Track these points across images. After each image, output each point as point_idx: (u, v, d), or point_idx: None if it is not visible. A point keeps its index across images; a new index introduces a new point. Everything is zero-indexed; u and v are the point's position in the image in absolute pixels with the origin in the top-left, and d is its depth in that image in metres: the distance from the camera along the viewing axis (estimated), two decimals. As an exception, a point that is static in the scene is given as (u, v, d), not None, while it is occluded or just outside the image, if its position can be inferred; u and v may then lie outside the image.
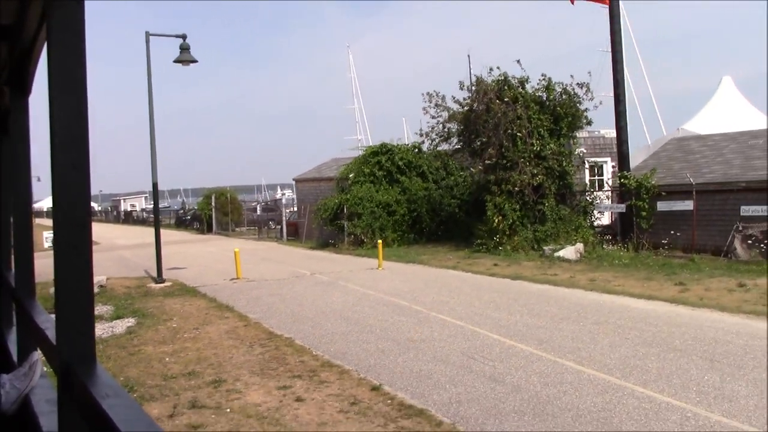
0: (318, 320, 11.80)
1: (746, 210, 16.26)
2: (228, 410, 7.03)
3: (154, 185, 17.32)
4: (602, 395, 7.11)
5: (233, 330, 11.17)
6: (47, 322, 2.09)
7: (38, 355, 2.50)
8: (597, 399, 6.99)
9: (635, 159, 21.98)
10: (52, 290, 10.30)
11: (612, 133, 22.51)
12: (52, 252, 1.51)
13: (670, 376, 7.68)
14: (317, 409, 6.97)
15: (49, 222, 35.77)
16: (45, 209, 75.04)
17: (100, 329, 11.19)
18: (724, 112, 28.16)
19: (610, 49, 21.01)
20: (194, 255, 25.39)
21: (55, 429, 1.76)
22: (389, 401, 7.14)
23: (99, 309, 13.26)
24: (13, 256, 3.22)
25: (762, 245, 15.95)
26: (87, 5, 1.41)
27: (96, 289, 15.87)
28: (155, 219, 18.41)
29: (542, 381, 7.69)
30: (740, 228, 16.59)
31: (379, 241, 20.63)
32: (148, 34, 16.43)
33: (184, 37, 16.71)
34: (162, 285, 16.52)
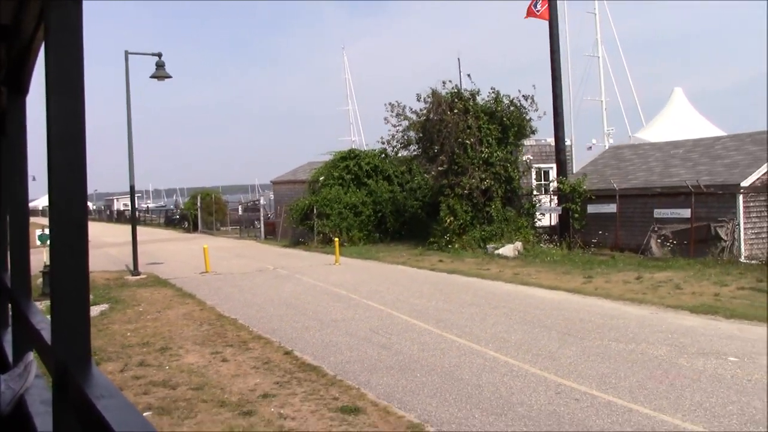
0: (264, 306, 13.76)
1: (659, 213, 18.26)
2: (167, 368, 8.98)
3: (132, 187, 19.30)
4: (460, 357, 9.08)
5: (189, 313, 13.11)
6: (43, 322, 2.07)
7: (33, 355, 2.49)
8: (454, 360, 8.96)
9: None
10: (39, 281, 13.08)
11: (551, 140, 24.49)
12: (43, 249, 2.93)
13: (522, 344, 9.65)
14: (235, 366, 8.93)
15: (43, 221, 37.30)
16: (40, 208, 76.79)
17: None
18: (675, 122, 30.19)
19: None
20: (174, 251, 27.32)
21: (50, 430, 1.74)
22: (294, 361, 9.10)
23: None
24: (9, 256, 3.23)
25: (669, 244, 17.93)
26: (85, 5, 1.41)
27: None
28: (132, 218, 20.36)
29: (421, 348, 9.66)
30: (655, 229, 18.59)
31: (336, 239, 22.59)
32: (127, 53, 18.40)
33: (159, 55, 18.68)
34: (138, 277, 18.47)
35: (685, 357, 8.73)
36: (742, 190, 16.93)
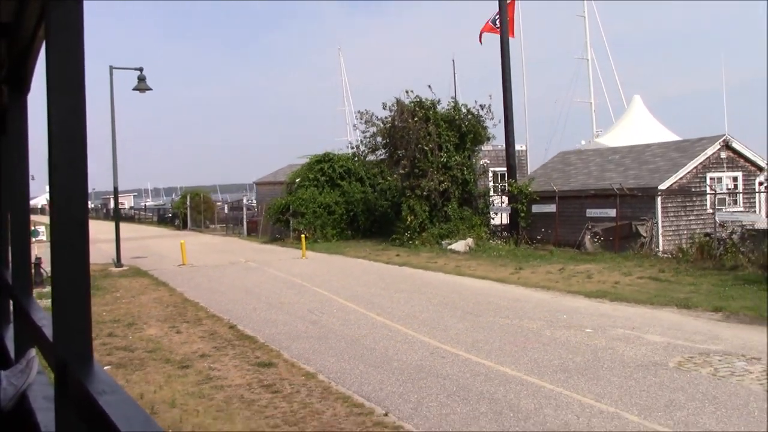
0: (225, 292, 15.74)
1: (591, 212, 20.25)
2: (130, 337, 10.96)
3: (115, 188, 21.32)
4: (370, 329, 11.06)
5: (160, 297, 15.10)
6: (44, 319, 2.08)
7: (35, 351, 2.51)
8: (364, 331, 10.94)
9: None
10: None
11: (516, 147, 26.48)
12: (38, 245, 3.96)
13: (426, 320, 11.62)
14: (186, 336, 10.92)
15: (42, 219, 38.84)
16: (39, 206, 78.69)
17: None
18: (633, 128, 32.12)
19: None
20: (160, 247, 29.32)
21: (52, 426, 1.77)
22: (235, 333, 11.08)
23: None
24: (10, 253, 3.22)
25: (600, 240, 19.91)
26: (86, 5, 1.41)
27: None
28: (116, 216, 22.36)
29: (342, 323, 11.64)
30: (589, 226, 20.57)
31: (302, 236, 24.59)
32: (111, 68, 20.39)
33: (141, 69, 20.67)
34: (120, 269, 20.46)
35: (552, 329, 10.71)
36: (659, 193, 18.91)
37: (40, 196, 71.27)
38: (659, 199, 18.95)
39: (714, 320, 11.23)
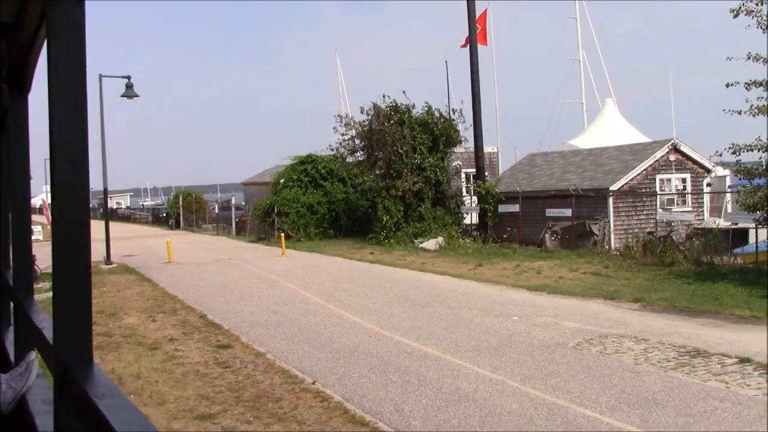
0: (204, 287, 17.11)
1: (550, 212, 21.61)
2: (110, 325, 12.33)
3: (105, 189, 22.67)
4: (324, 318, 12.43)
5: (143, 292, 16.47)
6: (45, 321, 2.08)
7: (35, 354, 2.53)
8: (319, 320, 12.31)
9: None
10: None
11: (488, 148, 27.86)
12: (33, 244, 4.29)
13: (377, 311, 13.00)
14: (160, 324, 12.29)
15: (39, 219, 39.95)
16: (37, 206, 80.00)
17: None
18: (606, 130, 33.46)
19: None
20: (150, 245, 30.66)
21: (51, 429, 1.75)
22: (204, 321, 12.45)
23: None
24: (11, 254, 3.21)
25: (558, 238, 21.28)
26: (87, 5, 1.42)
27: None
28: (105, 215, 23.68)
29: (301, 313, 13.02)
30: (549, 225, 21.93)
31: (282, 234, 25.94)
32: (101, 77, 21.74)
33: (129, 77, 22.04)
34: (110, 266, 21.83)
35: (484, 317, 12.08)
36: (611, 193, 20.27)
37: (36, 196, 72.67)
38: (611, 199, 20.32)
39: (630, 309, 12.60)
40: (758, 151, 14.11)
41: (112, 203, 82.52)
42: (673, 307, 12.55)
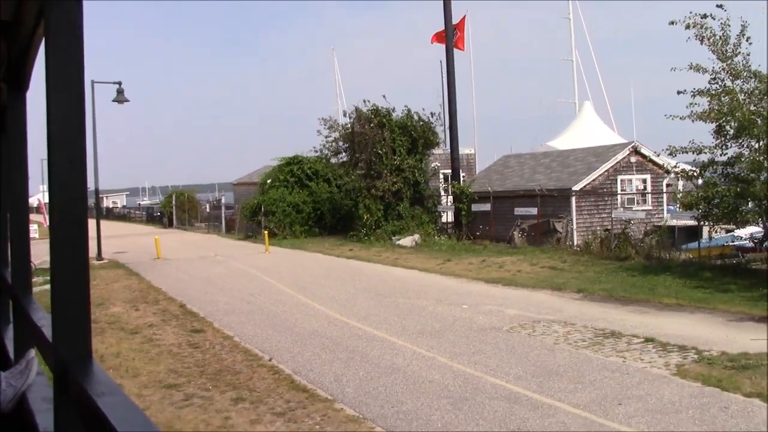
0: (188, 281, 18.29)
1: (518, 211, 22.82)
2: (96, 313, 13.50)
3: (96, 190, 23.85)
4: (293, 308, 13.62)
5: (130, 285, 17.65)
6: (44, 319, 2.09)
7: (35, 352, 2.52)
8: (287, 309, 13.50)
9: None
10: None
11: (465, 150, 29.07)
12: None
13: (341, 301, 14.18)
14: (142, 313, 13.48)
15: (36, 218, 40.99)
16: (34, 206, 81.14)
17: (48, 287, 17.69)
18: (582, 132, 34.70)
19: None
20: (142, 243, 31.71)
21: (51, 427, 1.76)
22: (182, 310, 13.63)
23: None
24: (9, 253, 3.21)
25: (525, 235, 22.50)
26: (85, 4, 1.42)
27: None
28: (97, 214, 24.86)
29: (272, 303, 14.21)
30: (518, 223, 23.15)
31: (266, 232, 27.13)
32: (93, 82, 22.91)
33: (120, 83, 23.24)
34: (101, 262, 23.00)
35: (436, 306, 13.27)
36: (573, 193, 21.49)
37: (32, 196, 73.71)
38: (573, 198, 21.54)
39: (572, 299, 13.81)
40: (691, 153, 15.31)
41: (108, 202, 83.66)
42: (611, 296, 13.76)
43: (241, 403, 7.57)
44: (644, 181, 22.56)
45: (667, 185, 22.95)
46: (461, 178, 29.01)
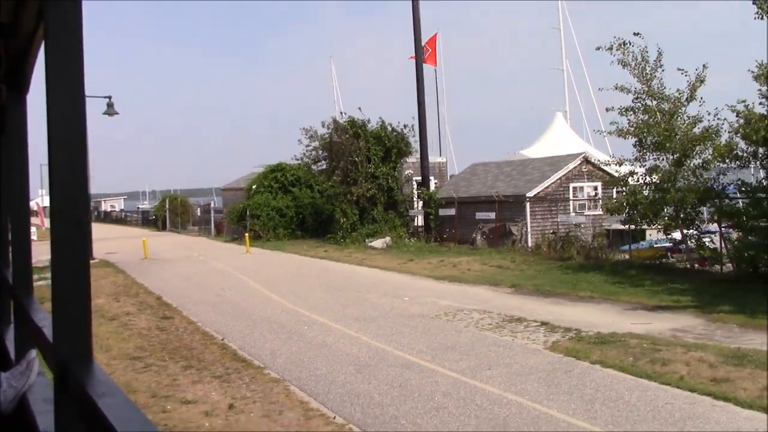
0: (168, 278, 20.08)
1: (479, 215, 24.60)
2: (82, 305, 15.31)
3: (88, 194, 25.60)
4: (256, 300, 15.40)
5: (115, 281, 19.44)
6: (44, 320, 2.09)
7: (35, 352, 2.53)
8: (251, 301, 15.27)
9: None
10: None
11: (437, 159, 30.89)
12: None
13: (301, 295, 15.95)
14: (122, 304, 15.27)
15: (34, 221, 42.55)
16: (34, 209, 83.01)
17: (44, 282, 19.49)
18: (554, 141, 36.42)
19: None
20: (134, 245, 33.60)
21: (51, 428, 1.76)
22: (159, 302, 15.40)
23: (47, 273, 21.50)
24: (10, 253, 3.25)
25: (485, 237, 24.28)
26: (84, 5, 1.43)
27: (46, 262, 23.99)
28: (87, 215, 26.59)
29: (239, 296, 15.98)
30: (480, 227, 24.92)
31: (246, 234, 28.95)
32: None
33: (109, 97, 25.10)
34: (92, 261, 24.73)
35: (380, 298, 15.03)
36: (527, 199, 23.28)
37: (31, 200, 75.27)
38: (528, 204, 23.33)
39: (503, 293, 15.58)
40: (614, 165, 17.08)
41: (106, 206, 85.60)
42: (538, 290, 15.54)
43: (189, 369, 9.36)
44: (596, 188, 24.31)
45: (617, 192, 24.67)
46: (433, 185, 30.85)
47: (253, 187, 34.28)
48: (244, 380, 8.79)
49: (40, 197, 51.32)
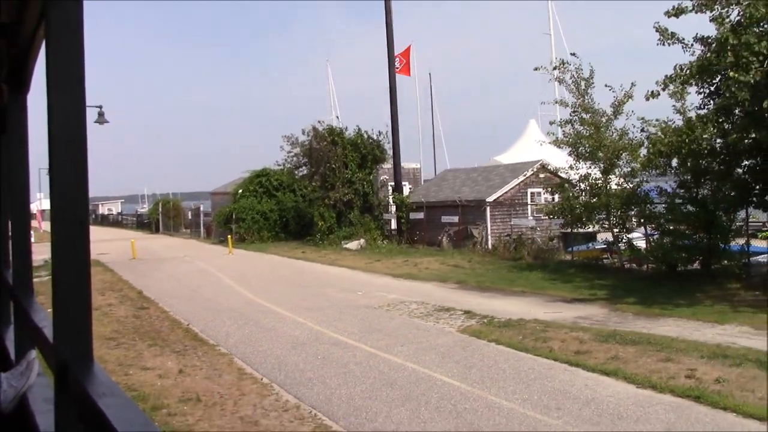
0: (153, 276, 21.85)
1: (444, 219, 26.39)
2: (70, 298, 17.09)
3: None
4: (226, 293, 17.16)
5: (103, 278, 21.19)
6: (45, 320, 2.10)
7: (35, 353, 2.53)
8: (221, 295, 17.03)
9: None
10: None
11: (411, 165, 32.70)
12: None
13: (267, 289, 17.71)
14: (106, 297, 17.03)
15: (32, 224, 44.16)
16: (34, 211, 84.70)
17: (37, 279, 21.27)
18: (527, 147, 38.17)
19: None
20: (126, 246, 35.42)
21: (52, 428, 1.76)
22: (140, 296, 17.16)
23: (42, 271, 23.34)
24: (11, 254, 3.25)
25: (450, 239, 26.07)
26: (86, 5, 1.43)
27: (41, 262, 25.82)
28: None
29: (214, 292, 17.74)
30: (447, 230, 26.71)
31: (229, 236, 30.74)
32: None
33: (100, 106, 26.93)
34: (84, 261, 26.54)
35: (337, 292, 16.79)
36: (487, 204, 25.09)
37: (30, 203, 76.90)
38: (488, 208, 25.13)
39: (448, 288, 17.35)
40: (568, 171, 18.96)
41: (103, 209, 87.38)
42: (479, 286, 17.32)
43: (154, 347, 11.15)
44: (552, 193, 26.09)
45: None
46: (408, 190, 32.68)
47: (239, 191, 36.08)
48: (197, 354, 10.57)
49: (38, 200, 53.08)
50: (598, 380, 8.44)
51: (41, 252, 5.16)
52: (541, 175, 25.68)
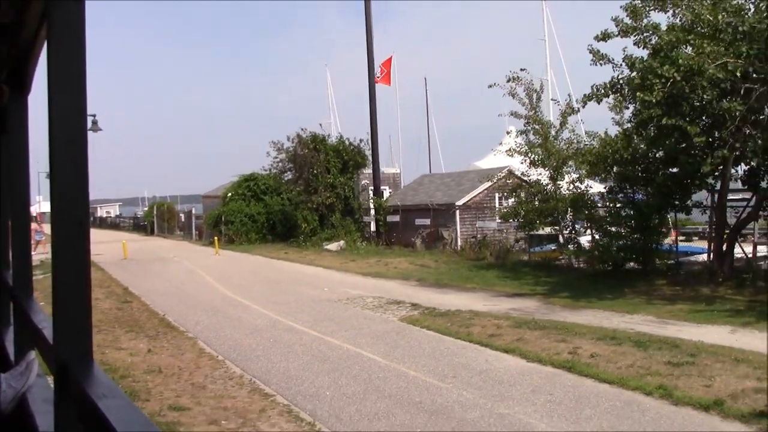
0: (141, 274, 23.44)
1: (418, 221, 27.99)
2: (62, 293, 18.67)
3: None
4: (205, 290, 18.74)
5: (93, 277, 22.44)
6: (44, 321, 2.16)
7: (35, 353, 2.55)
8: (201, 292, 18.62)
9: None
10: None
11: (391, 170, 34.32)
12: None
13: (245, 286, 19.30)
14: (94, 294, 18.24)
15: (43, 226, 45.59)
16: (34, 214, 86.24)
17: (35, 278, 22.87)
18: (504, 154, 39.73)
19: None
20: (119, 247, 37.03)
21: (51, 428, 1.77)
22: (125, 291, 18.75)
23: (37, 270, 24.85)
24: (11, 255, 3.28)
25: (423, 241, 27.66)
26: (87, 5, 1.45)
27: (37, 262, 27.42)
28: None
29: (195, 289, 19.33)
30: (420, 232, 28.30)
31: (215, 238, 32.36)
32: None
33: (94, 115, 28.53)
34: (78, 261, 28.14)
35: (306, 288, 18.37)
36: (457, 207, 26.69)
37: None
38: (458, 212, 26.73)
39: (408, 285, 18.91)
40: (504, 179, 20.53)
41: (101, 212, 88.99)
42: (436, 283, 18.89)
43: (130, 332, 12.74)
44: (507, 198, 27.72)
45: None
46: (387, 193, 34.29)
47: (229, 194, 37.71)
48: (167, 338, 12.16)
49: (37, 203, 54.71)
50: (498, 356, 10.02)
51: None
52: (509, 181, 27.24)
